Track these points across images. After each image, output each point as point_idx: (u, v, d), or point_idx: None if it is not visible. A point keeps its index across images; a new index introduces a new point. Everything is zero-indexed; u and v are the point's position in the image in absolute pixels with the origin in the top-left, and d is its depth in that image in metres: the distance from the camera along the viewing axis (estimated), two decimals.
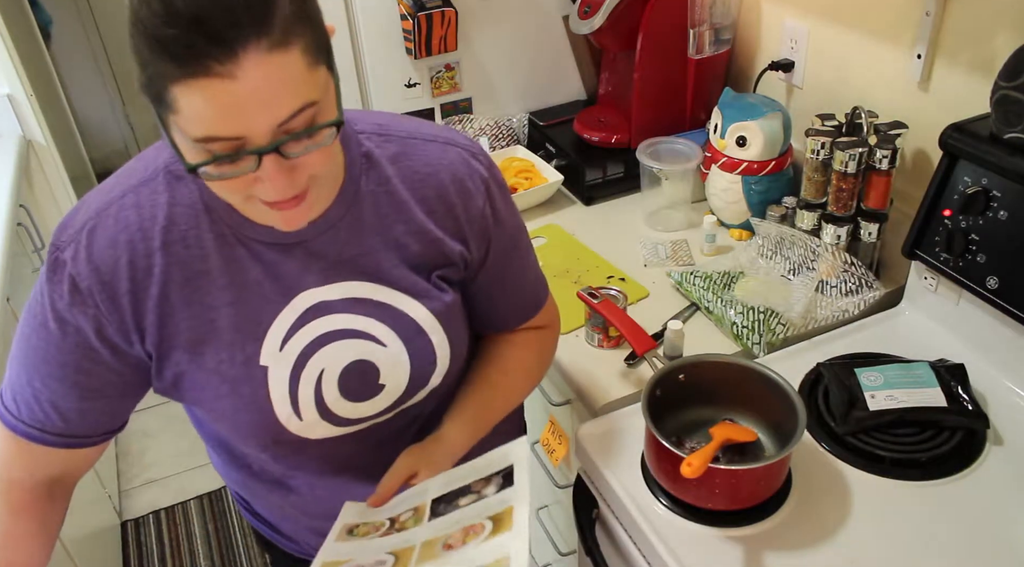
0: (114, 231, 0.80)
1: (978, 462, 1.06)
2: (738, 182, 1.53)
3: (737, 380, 1.09)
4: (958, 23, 1.26)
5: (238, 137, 0.66)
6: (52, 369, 0.84)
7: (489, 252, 0.95)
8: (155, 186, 0.81)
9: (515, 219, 0.98)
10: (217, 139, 0.66)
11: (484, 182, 0.92)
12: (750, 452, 1.06)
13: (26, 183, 1.95)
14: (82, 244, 0.80)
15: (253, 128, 0.66)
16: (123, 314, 0.81)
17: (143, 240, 0.80)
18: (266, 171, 0.69)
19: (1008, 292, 1.11)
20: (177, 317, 0.82)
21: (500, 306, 1.02)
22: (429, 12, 1.69)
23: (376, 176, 0.87)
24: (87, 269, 0.79)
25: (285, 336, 0.85)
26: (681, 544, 0.98)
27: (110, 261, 0.79)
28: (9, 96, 2.01)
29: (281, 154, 0.69)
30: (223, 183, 0.71)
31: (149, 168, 0.82)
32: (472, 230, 0.91)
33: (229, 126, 0.65)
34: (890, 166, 1.32)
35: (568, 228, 1.67)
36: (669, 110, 1.78)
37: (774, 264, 1.44)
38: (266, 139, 0.67)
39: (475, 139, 1.86)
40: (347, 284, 0.86)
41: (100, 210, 0.81)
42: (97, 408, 0.87)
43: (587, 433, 1.15)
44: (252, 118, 0.65)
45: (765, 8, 1.67)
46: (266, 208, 0.74)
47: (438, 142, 0.90)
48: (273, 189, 0.70)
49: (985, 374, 1.17)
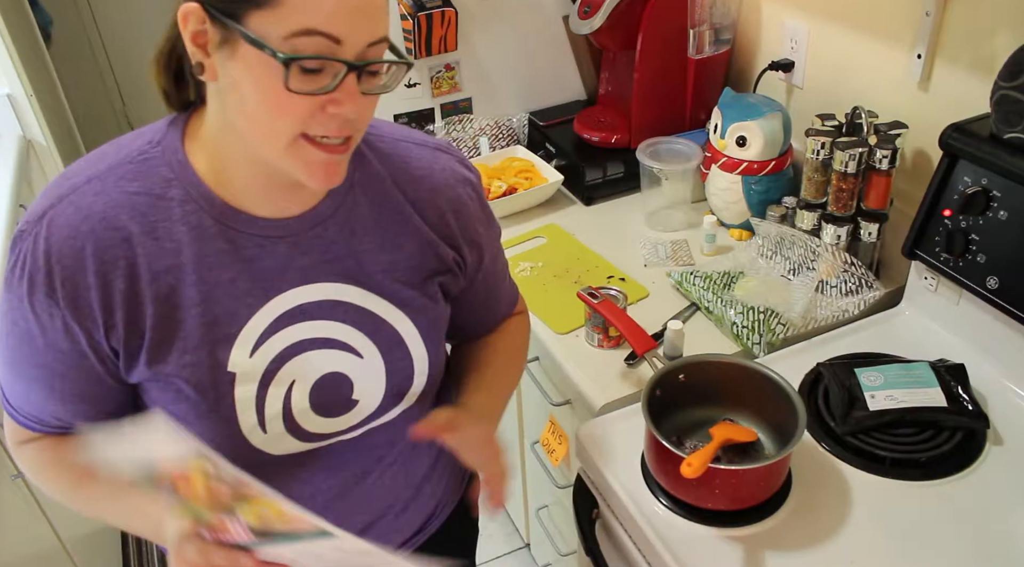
0: (76, 219, 0.73)
1: (978, 462, 1.06)
2: (738, 182, 1.53)
3: (737, 380, 1.09)
4: (958, 23, 1.26)
5: (337, 39, 0.65)
6: (30, 372, 0.80)
7: (482, 259, 0.94)
8: (123, 172, 0.76)
9: (497, 226, 0.99)
10: (318, 34, 0.65)
11: (474, 189, 0.91)
12: (750, 452, 1.06)
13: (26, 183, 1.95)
14: (41, 234, 0.73)
15: (354, 35, 0.66)
16: (90, 309, 0.75)
17: (108, 229, 0.74)
18: (343, 91, 0.68)
19: (1008, 292, 1.11)
20: (145, 314, 0.76)
21: (488, 311, 1.02)
22: (429, 12, 1.69)
23: (368, 172, 0.84)
24: (45, 261, 0.73)
25: (257, 342, 0.80)
26: (681, 544, 0.98)
27: (71, 252, 0.73)
28: (9, 96, 2.01)
29: (360, 79, 0.69)
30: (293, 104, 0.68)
31: (121, 153, 0.77)
32: (465, 237, 0.90)
33: (337, 23, 0.65)
34: (890, 166, 1.32)
35: (568, 228, 1.67)
36: (669, 110, 1.78)
37: (774, 264, 1.44)
38: (355, 54, 0.67)
39: (475, 139, 1.87)
40: (329, 286, 0.82)
41: (61, 196, 0.74)
42: (83, 409, 0.83)
43: (587, 433, 1.15)
44: (358, 23, 0.66)
45: (765, 8, 1.67)
46: (313, 154, 0.71)
47: (428, 147, 0.89)
48: (347, 111, 0.69)
49: (985, 374, 1.17)
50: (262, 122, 0.70)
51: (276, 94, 0.67)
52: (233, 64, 0.68)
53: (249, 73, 0.67)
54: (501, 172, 1.77)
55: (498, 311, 1.05)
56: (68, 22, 3.38)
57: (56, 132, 2.28)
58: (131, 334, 0.77)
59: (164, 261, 0.76)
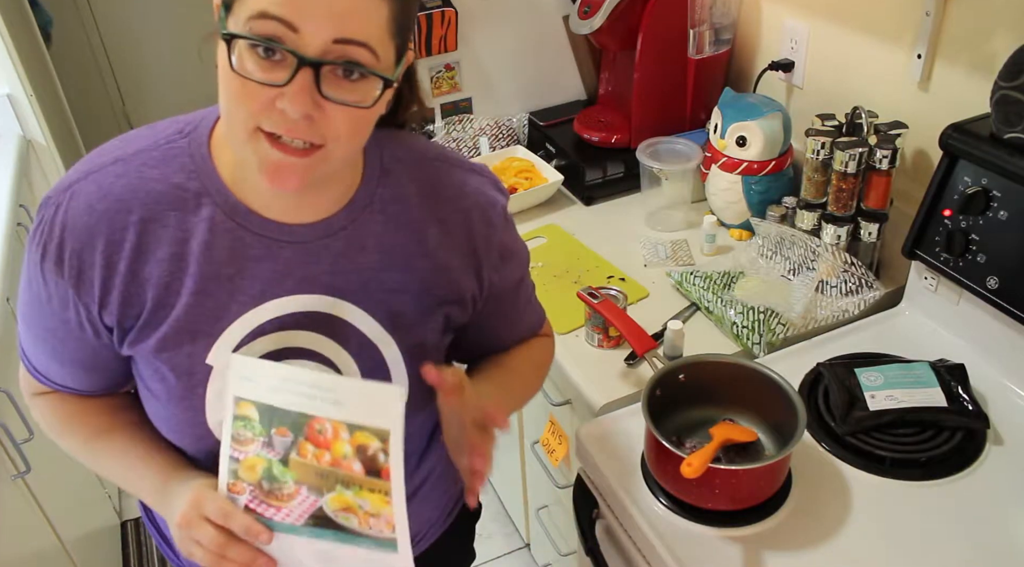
0: (95, 197, 0.76)
1: (978, 462, 1.06)
2: (738, 182, 1.53)
3: (737, 380, 1.09)
4: (958, 23, 1.26)
5: (291, 24, 0.64)
6: (38, 331, 0.83)
7: (504, 284, 0.92)
8: (148, 158, 0.78)
9: (525, 252, 0.96)
10: (270, 17, 0.64)
11: (503, 214, 0.90)
12: (750, 452, 1.06)
13: (26, 183, 1.95)
14: (62, 205, 0.76)
15: (313, 26, 0.64)
16: (91, 286, 0.77)
17: (120, 212, 0.76)
18: (294, 85, 0.65)
19: (1008, 292, 1.11)
20: (145, 297, 0.78)
21: (502, 335, 0.99)
22: (429, 12, 1.69)
23: (394, 191, 0.83)
24: (60, 232, 0.76)
25: (241, 341, 0.80)
26: (681, 544, 0.98)
27: (84, 229, 0.76)
28: (9, 96, 2.01)
29: (318, 80, 0.66)
30: (245, 91, 0.67)
31: (152, 137, 0.80)
32: (488, 261, 0.88)
33: (290, 8, 0.63)
34: (890, 166, 1.32)
35: (568, 228, 1.67)
36: (669, 110, 1.78)
37: (774, 264, 1.44)
38: (315, 50, 0.65)
39: (475, 139, 1.87)
40: (324, 299, 0.81)
41: (88, 172, 0.77)
42: (81, 376, 0.86)
43: (587, 433, 1.15)
44: (319, 14, 0.63)
45: (765, 8, 1.67)
46: (266, 151, 0.70)
47: (464, 168, 0.88)
48: (291, 105, 0.66)
49: (985, 374, 1.17)
50: (224, 109, 0.71)
51: (229, 78, 0.67)
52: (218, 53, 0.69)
53: (220, 57, 0.68)
54: (501, 172, 1.77)
55: (514, 335, 1.01)
56: (68, 22, 3.38)
57: (56, 132, 2.28)
58: (125, 314, 0.79)
59: (170, 249, 0.78)
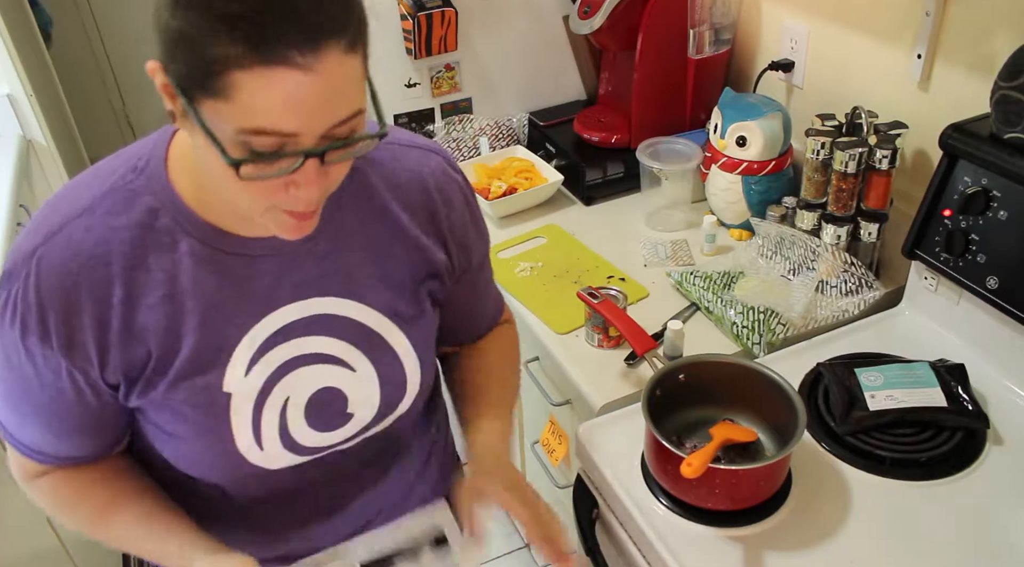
0: (67, 256, 0.72)
1: (978, 462, 1.06)
2: (738, 182, 1.53)
3: (737, 380, 1.09)
4: (958, 23, 1.26)
5: (293, 134, 0.62)
6: (26, 410, 0.79)
7: (470, 263, 0.93)
8: (110, 205, 0.74)
9: (486, 232, 0.97)
10: (270, 133, 0.62)
11: (463, 192, 0.90)
12: (750, 452, 1.06)
13: (26, 183, 1.94)
14: (32, 274, 0.72)
15: (311, 127, 0.62)
16: (85, 350, 0.74)
17: (99, 266, 0.73)
18: (306, 174, 0.65)
19: (1008, 292, 1.11)
20: (144, 346, 0.76)
21: (474, 317, 1.02)
22: (429, 12, 1.69)
23: (358, 181, 0.83)
24: (38, 303, 0.72)
25: (251, 361, 0.80)
26: (681, 544, 0.98)
27: (64, 293, 0.72)
28: (9, 96, 2.01)
29: (323, 159, 0.65)
30: (253, 187, 0.66)
31: (105, 182, 0.75)
32: (454, 240, 0.89)
33: (291, 121, 0.61)
34: (890, 166, 1.32)
35: (568, 228, 1.67)
36: (669, 110, 1.78)
37: (774, 264, 1.44)
38: (315, 141, 0.64)
39: (475, 139, 1.87)
40: (321, 301, 0.82)
41: (49, 234, 0.73)
42: (84, 442, 0.83)
43: (587, 433, 1.15)
44: (314, 116, 0.62)
45: (765, 8, 1.67)
46: (285, 221, 0.70)
47: (418, 148, 0.88)
48: (307, 194, 0.66)
49: (985, 374, 1.17)
50: (226, 193, 0.70)
51: (234, 177, 0.65)
52: (194, 134, 0.66)
53: (208, 151, 0.65)
54: (501, 172, 1.77)
55: (484, 318, 1.04)
56: (68, 22, 3.38)
57: (56, 132, 2.28)
58: (130, 367, 0.77)
59: (159, 291, 0.75)
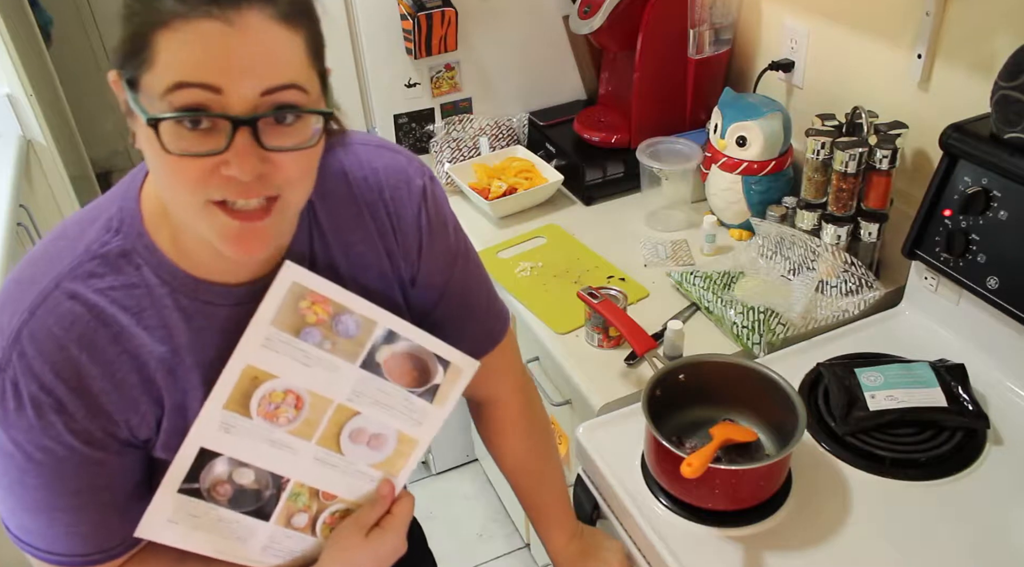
0: (58, 330, 0.68)
1: (978, 462, 1.06)
2: (738, 182, 1.53)
3: (737, 380, 1.09)
4: (958, 23, 1.26)
5: (214, 87, 0.58)
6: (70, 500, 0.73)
7: (419, 272, 0.85)
8: (91, 269, 0.70)
9: (455, 237, 0.87)
10: (190, 85, 0.58)
11: (420, 192, 0.82)
12: (750, 452, 1.06)
13: (26, 183, 1.95)
14: (26, 356, 0.67)
15: (238, 83, 0.58)
16: (108, 415, 0.71)
17: (99, 329, 0.69)
18: (236, 148, 0.60)
19: (1008, 292, 1.11)
20: (163, 399, 0.74)
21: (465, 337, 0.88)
22: (429, 12, 1.69)
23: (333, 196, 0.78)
24: (42, 382, 0.67)
25: None
26: (681, 544, 0.98)
27: (68, 365, 0.68)
28: (9, 96, 2.01)
29: (257, 135, 0.60)
30: (185, 173, 0.61)
31: (78, 247, 0.71)
32: (403, 242, 0.82)
33: (208, 71, 0.57)
34: (890, 166, 1.32)
35: (568, 228, 1.67)
36: (669, 110, 1.78)
37: (774, 264, 1.44)
38: (243, 106, 0.59)
39: (475, 139, 1.87)
40: None
41: (31, 309, 0.68)
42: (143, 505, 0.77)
43: (587, 433, 1.15)
44: (236, 71, 0.58)
45: (765, 8, 1.67)
46: (224, 223, 0.64)
47: (381, 148, 0.83)
48: (240, 169, 0.60)
49: (985, 374, 1.17)
50: (166, 190, 0.66)
51: (163, 159, 0.61)
52: (138, 133, 0.63)
53: (145, 141, 0.62)
54: (501, 172, 1.77)
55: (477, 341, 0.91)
56: (68, 22, 3.38)
57: (56, 132, 2.28)
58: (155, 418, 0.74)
59: (162, 347, 0.73)
